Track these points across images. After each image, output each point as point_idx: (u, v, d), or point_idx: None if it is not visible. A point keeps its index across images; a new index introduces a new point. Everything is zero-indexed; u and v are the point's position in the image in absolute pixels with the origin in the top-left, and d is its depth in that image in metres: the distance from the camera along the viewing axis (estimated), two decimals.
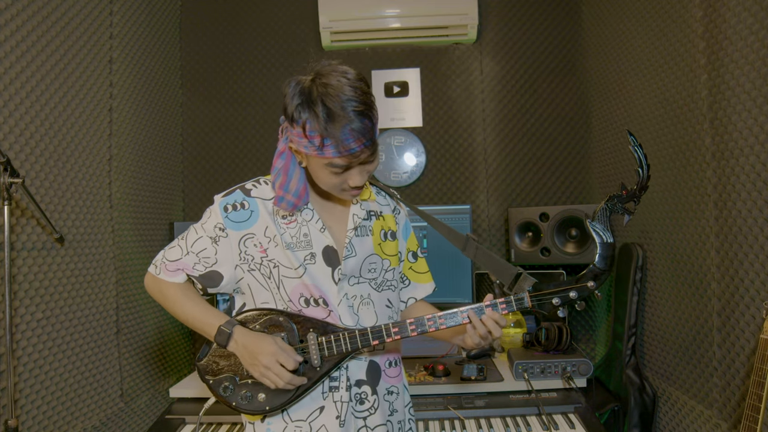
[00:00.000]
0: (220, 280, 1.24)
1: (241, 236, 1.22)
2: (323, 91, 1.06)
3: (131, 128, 2.21)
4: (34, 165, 1.65)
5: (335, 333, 1.18)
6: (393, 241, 1.34)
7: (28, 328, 1.60)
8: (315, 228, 1.22)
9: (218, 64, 2.73)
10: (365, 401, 1.23)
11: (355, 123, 1.05)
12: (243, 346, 1.17)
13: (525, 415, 1.83)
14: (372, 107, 1.10)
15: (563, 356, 1.97)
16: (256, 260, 1.22)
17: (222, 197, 1.24)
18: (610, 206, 1.28)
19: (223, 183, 2.72)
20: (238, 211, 1.22)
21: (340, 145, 1.06)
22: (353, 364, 1.24)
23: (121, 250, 2.09)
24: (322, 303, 1.21)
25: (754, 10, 1.39)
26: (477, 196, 2.67)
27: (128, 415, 2.05)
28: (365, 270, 1.26)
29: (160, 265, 1.25)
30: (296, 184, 1.19)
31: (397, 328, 1.18)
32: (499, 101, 2.67)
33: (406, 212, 1.43)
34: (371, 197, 1.33)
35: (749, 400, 1.28)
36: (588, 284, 1.20)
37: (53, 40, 1.75)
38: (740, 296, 1.47)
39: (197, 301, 1.24)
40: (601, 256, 1.25)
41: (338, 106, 1.05)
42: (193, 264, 1.23)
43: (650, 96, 1.96)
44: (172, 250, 1.25)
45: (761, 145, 1.38)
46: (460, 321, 1.19)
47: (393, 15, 2.57)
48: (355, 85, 1.08)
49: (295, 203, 1.19)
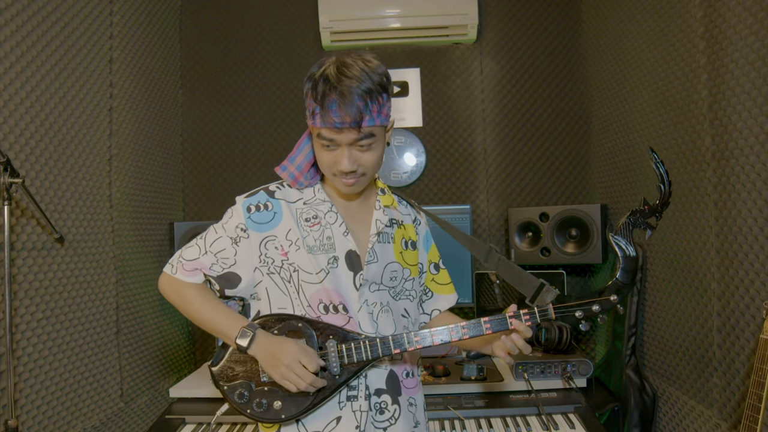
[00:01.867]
0: (238, 282, 1.21)
1: (262, 238, 1.20)
2: (333, 67, 1.11)
3: (131, 128, 2.21)
4: (34, 165, 1.65)
5: (355, 341, 1.16)
6: (414, 251, 1.33)
7: (28, 328, 1.59)
8: (338, 231, 1.21)
9: (218, 64, 2.73)
10: (385, 411, 1.20)
11: (347, 98, 1.07)
12: (264, 348, 1.14)
13: (525, 415, 1.83)
14: (373, 94, 1.10)
15: (563, 356, 1.97)
16: (276, 263, 1.20)
17: (245, 197, 1.23)
18: (632, 221, 1.27)
19: (223, 183, 2.72)
20: (261, 212, 1.20)
21: (326, 116, 1.08)
22: (373, 373, 1.21)
23: (121, 250, 2.09)
24: (342, 309, 1.19)
25: (754, 10, 1.39)
26: (477, 196, 2.67)
27: (128, 415, 2.05)
28: (386, 277, 1.25)
29: (176, 265, 1.22)
30: (302, 159, 1.22)
31: (419, 337, 1.17)
32: (499, 101, 2.67)
33: (427, 223, 1.42)
34: (394, 204, 1.32)
35: (749, 400, 1.28)
36: (611, 298, 1.20)
37: (53, 40, 1.75)
38: (740, 296, 1.47)
39: (216, 303, 1.21)
40: (623, 270, 1.25)
41: (336, 79, 1.08)
42: (211, 264, 1.20)
43: (650, 96, 1.96)
44: (190, 249, 1.23)
45: (761, 145, 1.38)
46: (483, 331, 1.18)
47: (393, 15, 2.57)
48: (365, 69, 1.10)
49: (297, 176, 1.22)
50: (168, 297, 1.25)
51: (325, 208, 1.23)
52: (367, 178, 1.20)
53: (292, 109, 2.72)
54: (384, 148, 1.20)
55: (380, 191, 1.31)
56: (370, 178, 1.21)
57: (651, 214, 1.27)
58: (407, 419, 1.23)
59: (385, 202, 1.29)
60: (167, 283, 1.24)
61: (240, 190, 2.72)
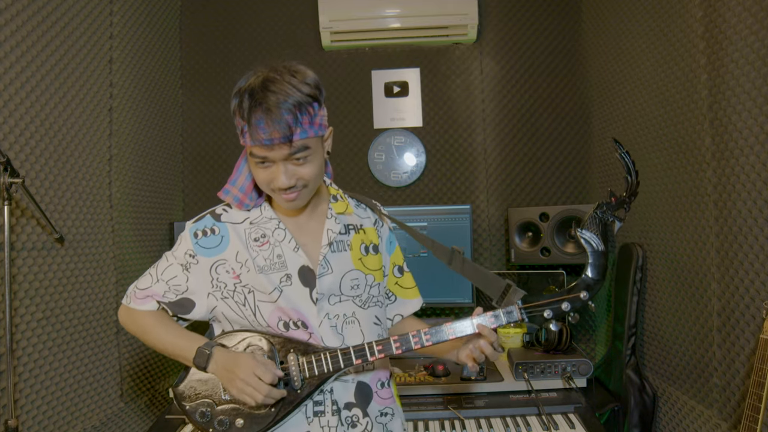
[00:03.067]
0: (191, 307, 1.21)
1: (212, 263, 1.19)
2: (258, 80, 1.06)
3: (131, 128, 2.21)
4: (34, 165, 1.65)
5: (316, 353, 1.14)
6: (375, 254, 1.29)
7: (28, 328, 1.60)
8: (288, 248, 1.18)
9: (218, 64, 2.73)
10: (357, 424, 1.18)
11: (274, 114, 1.02)
12: (221, 365, 1.13)
13: (525, 415, 1.83)
14: (302, 107, 1.05)
15: (563, 356, 1.97)
16: (229, 287, 1.19)
17: (192, 223, 1.22)
18: (600, 214, 1.24)
19: (223, 183, 2.68)
20: (208, 237, 1.19)
21: (255, 133, 1.04)
22: (338, 387, 1.18)
23: (121, 250, 2.09)
24: (302, 325, 1.17)
25: (754, 10, 1.39)
26: (477, 196, 2.67)
27: (128, 415, 2.04)
28: (346, 287, 1.21)
29: (130, 294, 1.23)
30: (243, 181, 1.21)
31: (381, 346, 1.14)
32: (499, 101, 2.67)
33: (391, 226, 1.38)
34: (348, 210, 1.29)
35: (749, 400, 1.28)
36: (580, 295, 1.15)
37: (53, 40, 1.75)
38: (740, 296, 1.47)
39: (173, 326, 1.21)
40: (592, 266, 1.20)
41: (261, 95, 1.04)
42: (163, 292, 1.20)
43: (650, 96, 1.96)
44: (144, 278, 1.23)
45: (761, 145, 1.38)
46: (446, 337, 1.16)
47: (393, 15, 2.57)
48: (291, 82, 1.06)
49: (241, 199, 1.21)
50: (127, 328, 1.25)
51: (272, 226, 1.20)
52: (309, 190, 1.15)
53: None
54: (323, 158, 1.16)
55: (332, 198, 1.28)
56: (313, 190, 1.17)
57: (618, 206, 1.23)
58: (378, 431, 1.21)
59: (338, 210, 1.26)
60: (124, 314, 1.25)
61: None
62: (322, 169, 1.16)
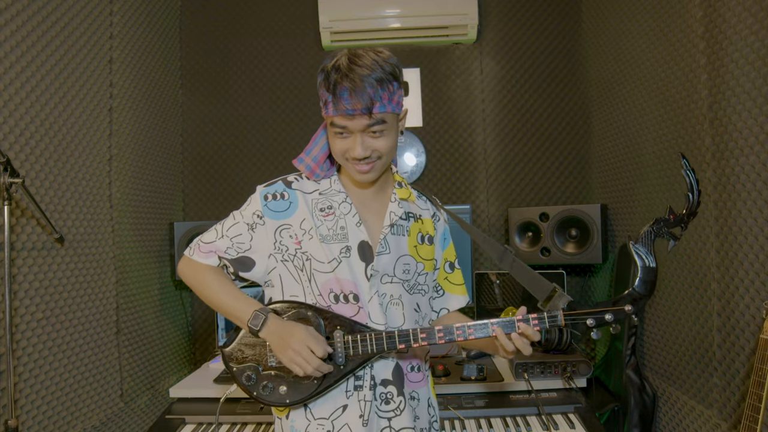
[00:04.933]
0: (252, 266, 1.25)
1: (277, 226, 1.23)
2: (345, 58, 1.14)
3: (131, 128, 2.21)
4: (34, 165, 1.65)
5: (362, 333, 1.17)
6: (430, 245, 1.33)
7: (28, 328, 1.60)
8: (352, 222, 1.23)
9: (218, 64, 2.73)
10: (391, 401, 1.22)
11: (358, 86, 1.09)
12: (274, 331, 1.17)
13: (525, 415, 1.83)
14: (384, 82, 1.12)
15: (563, 356, 1.97)
16: (290, 251, 1.23)
17: (264, 187, 1.27)
18: (655, 230, 1.23)
19: (222, 183, 2.72)
20: (277, 201, 1.24)
21: (338, 104, 1.11)
22: (379, 363, 1.22)
23: (121, 250, 2.09)
24: (353, 299, 1.20)
25: (754, 10, 1.39)
26: (477, 196, 2.67)
27: (128, 415, 2.05)
28: (399, 270, 1.25)
29: (194, 247, 1.28)
30: (318, 151, 1.26)
31: (425, 334, 1.17)
32: (499, 101, 2.67)
33: (446, 221, 1.42)
34: (411, 198, 1.33)
35: (749, 400, 1.28)
36: (625, 308, 1.16)
37: (53, 40, 1.75)
38: (740, 296, 1.47)
39: (230, 286, 1.25)
40: (641, 280, 1.21)
41: (347, 69, 1.11)
42: (226, 248, 1.24)
43: (650, 96, 1.96)
44: (209, 233, 1.28)
45: (761, 145, 1.39)
46: (489, 333, 1.18)
47: (393, 15, 2.57)
48: (375, 59, 1.13)
49: (313, 168, 1.26)
50: (185, 279, 1.29)
51: (339, 199, 1.25)
52: (383, 163, 1.20)
53: (292, 109, 2.72)
54: (397, 137, 1.21)
55: (397, 184, 1.32)
56: (385, 164, 1.22)
57: (676, 224, 1.22)
58: (409, 412, 1.24)
59: (402, 195, 1.30)
60: (185, 265, 1.29)
61: (240, 190, 2.74)
62: (395, 146, 1.22)
